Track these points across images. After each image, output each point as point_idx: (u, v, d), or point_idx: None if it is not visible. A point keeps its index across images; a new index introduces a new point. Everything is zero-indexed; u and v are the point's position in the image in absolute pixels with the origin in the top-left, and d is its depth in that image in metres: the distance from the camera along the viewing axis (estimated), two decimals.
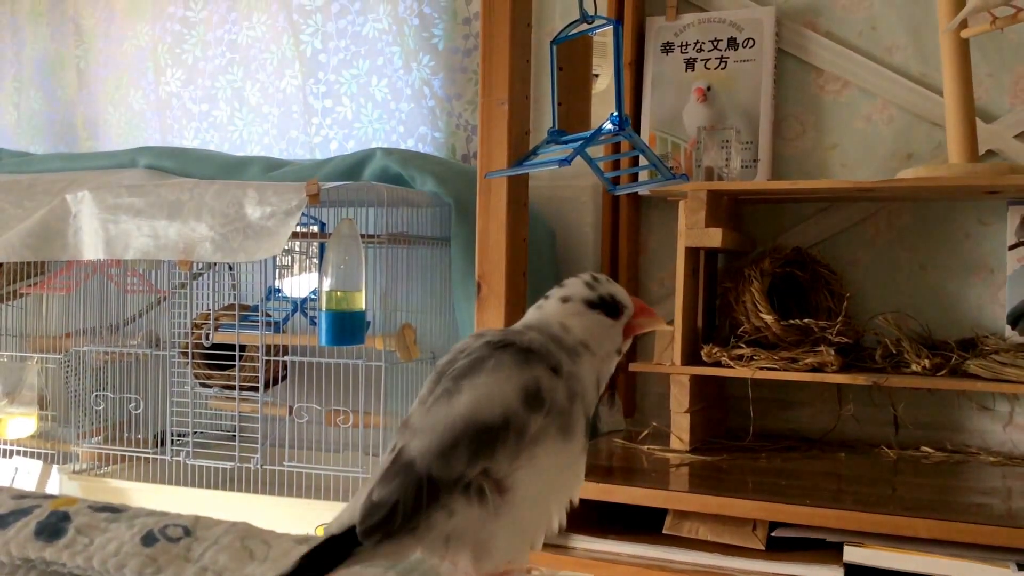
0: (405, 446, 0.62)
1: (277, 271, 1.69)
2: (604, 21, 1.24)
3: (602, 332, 0.71)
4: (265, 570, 0.58)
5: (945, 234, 1.56)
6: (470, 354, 0.66)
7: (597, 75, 1.70)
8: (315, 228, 1.66)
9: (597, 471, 1.33)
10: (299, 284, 1.70)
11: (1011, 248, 1.49)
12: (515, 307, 1.28)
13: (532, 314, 0.72)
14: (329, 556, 0.58)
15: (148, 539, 0.57)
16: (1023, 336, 1.46)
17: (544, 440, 0.63)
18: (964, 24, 1.39)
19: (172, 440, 1.66)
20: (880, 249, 1.60)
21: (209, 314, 1.65)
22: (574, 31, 1.26)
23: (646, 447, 1.49)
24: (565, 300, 0.71)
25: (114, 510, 0.63)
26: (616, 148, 1.61)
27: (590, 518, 1.33)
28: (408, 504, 0.60)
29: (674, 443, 1.46)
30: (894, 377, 1.38)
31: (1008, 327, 1.49)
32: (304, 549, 0.58)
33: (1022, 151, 1.50)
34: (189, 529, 0.58)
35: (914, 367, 1.39)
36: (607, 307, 0.71)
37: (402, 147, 1.87)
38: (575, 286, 0.72)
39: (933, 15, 1.49)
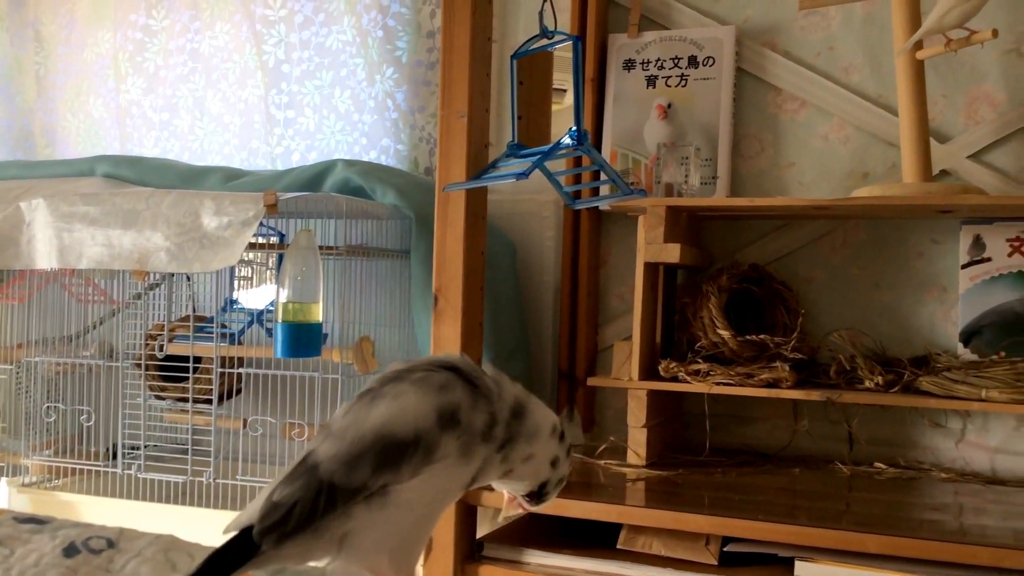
0: (314, 449, 0.62)
1: (236, 283, 1.68)
2: (564, 36, 1.24)
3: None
4: None
5: (899, 252, 1.58)
6: (401, 374, 0.67)
7: (564, 90, 1.71)
8: (275, 239, 1.65)
9: None
10: (257, 296, 1.68)
11: (964, 267, 1.51)
12: (472, 320, 1.28)
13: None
14: (233, 558, 0.58)
15: (70, 550, 0.56)
16: (975, 354, 1.48)
17: (447, 459, 0.64)
18: (919, 46, 1.41)
19: (124, 453, 1.63)
20: (835, 267, 1.61)
21: (164, 325, 1.63)
22: (534, 46, 1.26)
23: (603, 462, 1.49)
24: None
25: (39, 521, 0.62)
26: (577, 163, 1.62)
27: (545, 533, 1.33)
28: (306, 507, 0.60)
29: (631, 458, 1.46)
30: (848, 393, 1.39)
31: (960, 345, 1.51)
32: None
33: (975, 171, 1.52)
34: (112, 541, 0.57)
35: (867, 383, 1.41)
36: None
37: (364, 159, 1.86)
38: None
39: (889, 37, 1.51)
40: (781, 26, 1.65)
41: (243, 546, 0.59)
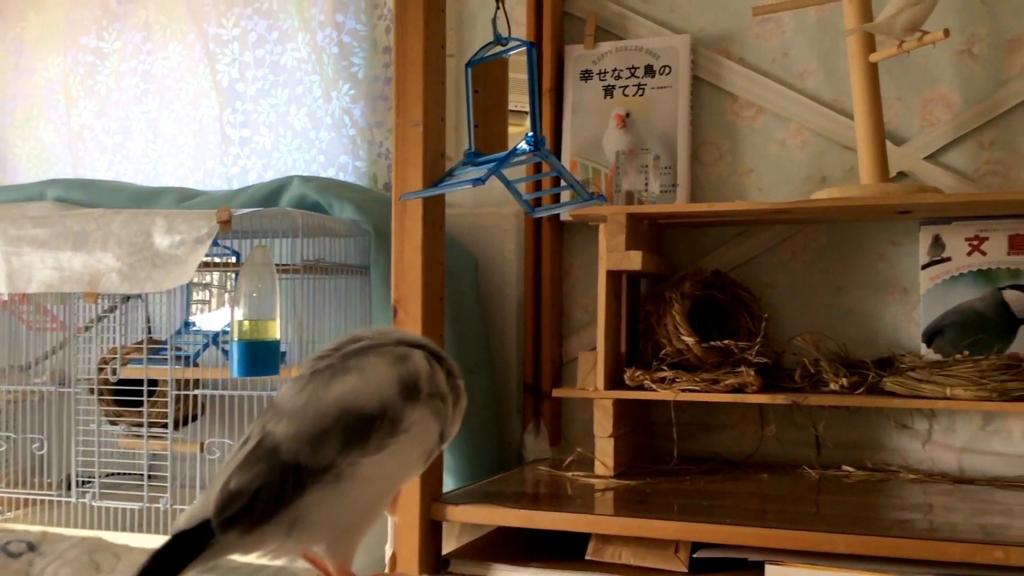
0: (268, 431, 0.59)
1: (193, 305, 1.64)
2: (518, 43, 1.23)
3: None
4: None
5: (860, 255, 1.58)
6: (352, 349, 0.65)
7: (524, 112, 1.70)
8: (232, 259, 1.62)
9: (520, 499, 1.30)
10: (214, 318, 1.65)
11: (924, 267, 1.52)
12: (432, 331, 1.25)
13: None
14: (180, 554, 0.54)
15: None
16: (938, 354, 1.49)
17: (413, 429, 0.62)
18: (871, 46, 1.42)
19: (78, 482, 1.59)
20: (797, 271, 1.61)
21: (118, 349, 1.59)
22: (489, 53, 1.26)
23: (570, 474, 1.47)
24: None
25: None
26: (537, 170, 1.61)
27: (512, 547, 1.30)
28: (272, 492, 0.56)
29: (598, 468, 1.44)
30: (813, 396, 1.39)
31: (923, 345, 1.51)
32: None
33: (932, 172, 1.53)
34: (34, 544, 0.55)
35: (832, 386, 1.40)
36: None
37: (322, 176, 1.84)
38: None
39: (843, 42, 1.52)
40: (735, 34, 1.66)
41: (193, 540, 0.55)
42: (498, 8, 1.23)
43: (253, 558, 0.61)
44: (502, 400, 1.74)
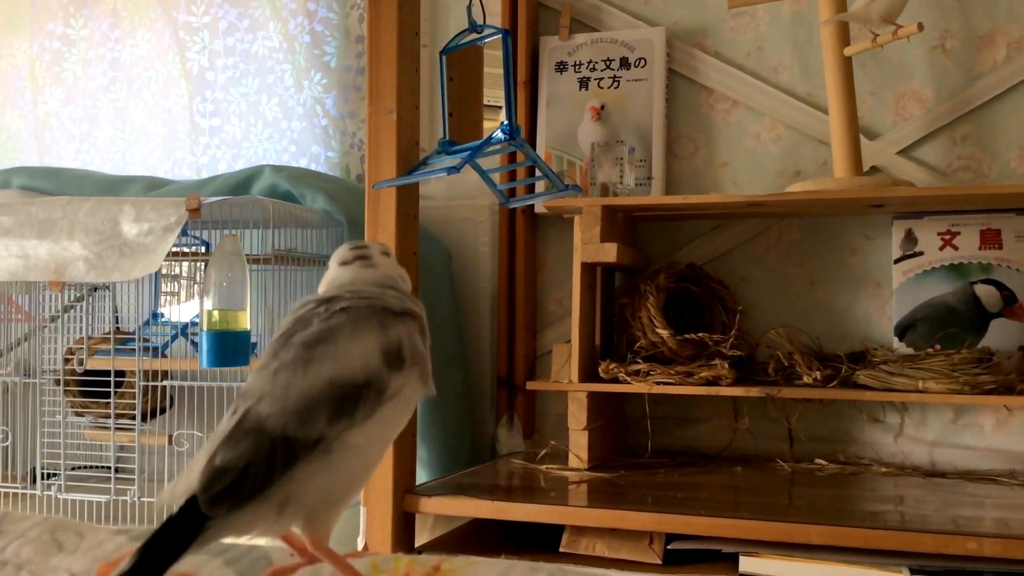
0: (250, 409, 0.57)
1: (162, 295, 1.61)
2: (493, 30, 1.22)
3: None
4: (73, 561, 0.52)
5: (833, 249, 1.59)
6: (326, 319, 0.63)
7: (498, 107, 1.69)
8: (201, 249, 1.59)
9: (493, 491, 1.29)
10: (184, 309, 1.62)
11: (896, 262, 1.53)
12: None
13: (368, 273, 0.69)
14: (179, 536, 0.52)
15: None
16: (911, 347, 1.49)
17: (401, 393, 0.62)
18: (846, 39, 1.42)
19: (44, 474, 1.55)
20: (771, 264, 1.62)
21: (84, 340, 1.56)
22: (463, 40, 1.25)
23: (544, 466, 1.46)
24: (386, 254, 0.71)
25: None
26: (512, 160, 1.60)
27: (486, 540, 1.29)
28: (261, 466, 0.55)
29: (572, 461, 1.44)
30: (786, 389, 1.39)
31: (896, 339, 1.52)
32: (125, 540, 0.52)
33: (905, 166, 1.54)
34: None
35: (806, 379, 1.40)
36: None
37: (294, 166, 1.81)
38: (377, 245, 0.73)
39: (817, 36, 1.52)
40: (710, 27, 1.66)
41: (188, 521, 0.53)
42: None
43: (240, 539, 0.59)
44: (476, 393, 1.73)
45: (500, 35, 1.20)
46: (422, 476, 1.52)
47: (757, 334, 1.59)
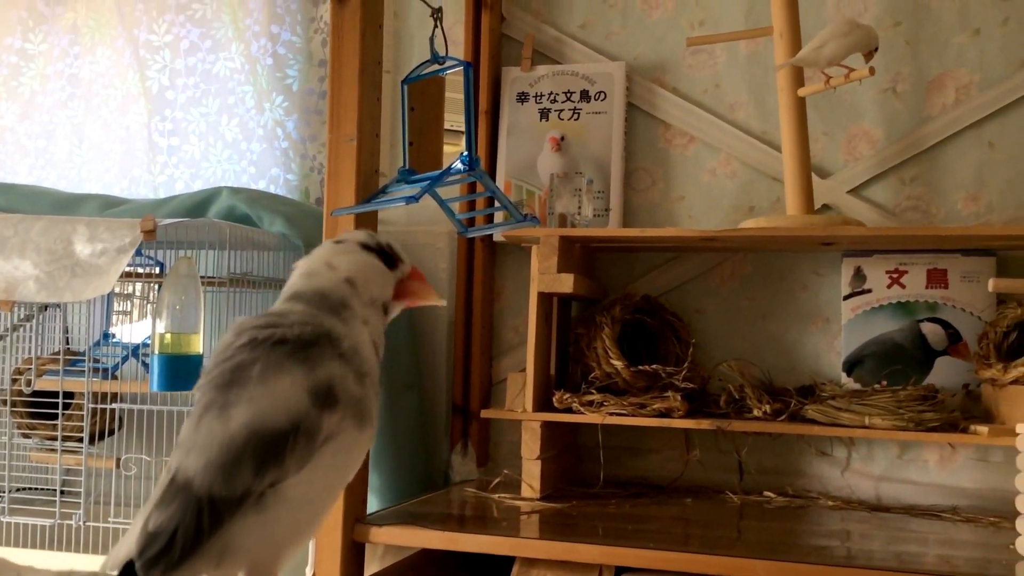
0: (180, 465, 0.57)
1: (116, 316, 1.60)
2: (455, 62, 1.24)
3: (372, 274, 0.67)
4: None
5: (785, 285, 1.62)
6: (230, 357, 0.61)
7: (461, 132, 1.70)
8: (156, 270, 1.58)
9: (445, 521, 1.29)
10: (136, 330, 1.60)
11: (846, 298, 1.56)
12: None
13: (298, 280, 0.68)
14: None
15: None
16: (858, 383, 1.52)
17: (339, 436, 0.59)
18: (800, 79, 1.46)
19: None
20: (725, 298, 1.64)
21: (33, 360, 1.53)
22: (425, 71, 1.26)
23: (496, 496, 1.46)
24: (339, 242, 0.68)
25: None
26: (471, 190, 1.61)
27: (436, 571, 1.29)
28: (189, 529, 0.54)
29: (525, 491, 1.44)
30: (737, 422, 1.41)
31: (844, 374, 1.54)
32: None
33: (855, 205, 1.57)
34: None
35: (756, 412, 1.42)
36: (383, 254, 0.68)
37: (252, 188, 1.81)
38: (353, 232, 0.70)
39: (773, 75, 1.56)
40: (669, 63, 1.69)
41: None
42: (436, 27, 1.23)
43: None
44: (430, 420, 1.73)
45: (462, 67, 1.21)
46: (374, 503, 1.51)
47: (710, 366, 1.61)
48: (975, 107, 1.53)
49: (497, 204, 1.35)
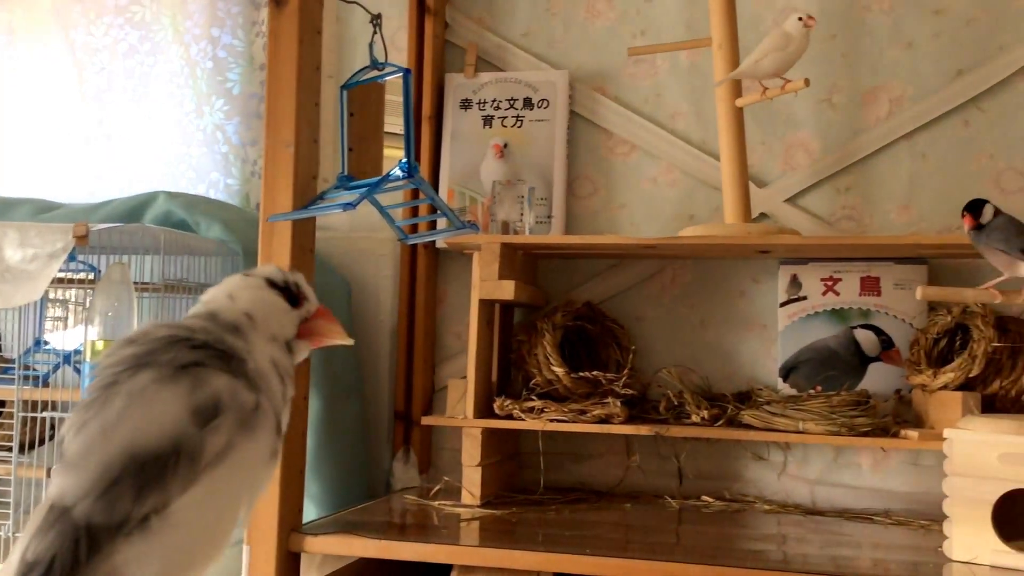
0: (61, 488, 0.55)
1: (49, 322, 1.56)
2: (395, 69, 1.23)
3: (271, 310, 0.67)
4: None
5: (723, 292, 1.64)
6: (111, 366, 0.59)
7: (400, 135, 1.69)
8: (90, 275, 1.55)
9: (383, 529, 1.28)
10: (70, 336, 1.57)
11: (782, 305, 1.58)
12: None
13: (199, 307, 0.66)
14: None
15: None
16: (794, 389, 1.55)
17: (230, 456, 0.57)
18: (738, 91, 1.48)
19: None
20: (665, 305, 1.66)
21: None
22: (365, 77, 1.25)
23: (437, 503, 1.45)
24: (247, 275, 0.67)
25: None
26: (415, 197, 1.60)
27: None
28: (66, 560, 0.52)
29: (465, 498, 1.44)
30: (675, 427, 1.42)
31: (780, 380, 1.57)
32: None
33: (791, 214, 1.60)
34: None
35: (694, 418, 1.44)
36: (287, 291, 0.68)
37: (190, 193, 1.78)
38: (265, 267, 0.69)
39: (712, 86, 1.57)
40: (611, 73, 1.70)
41: None
42: (375, 33, 1.23)
43: None
44: (372, 427, 1.72)
45: (401, 74, 1.21)
46: (312, 511, 1.50)
47: (650, 372, 1.62)
48: (908, 119, 1.57)
49: (439, 211, 1.35)
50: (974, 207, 1.22)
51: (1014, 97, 1.54)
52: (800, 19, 1.39)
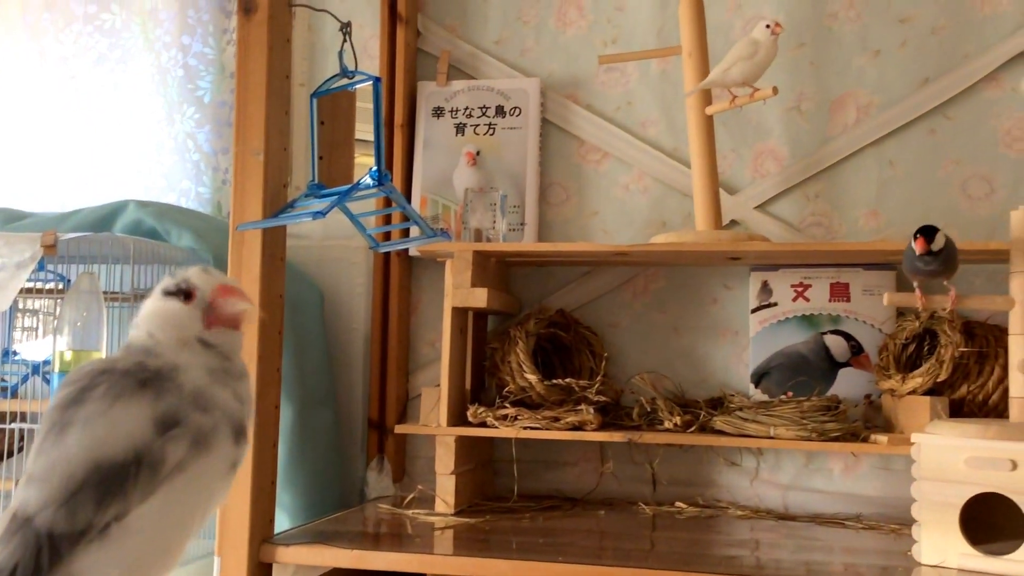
0: (24, 499, 0.55)
1: (18, 332, 1.54)
2: (365, 77, 1.23)
3: (167, 317, 0.67)
4: None
5: (695, 298, 1.65)
6: (76, 381, 0.60)
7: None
8: (60, 285, 1.53)
9: (355, 539, 1.28)
10: (39, 346, 1.55)
11: (753, 311, 1.59)
12: (269, 366, 1.22)
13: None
14: None
15: None
16: (765, 394, 1.56)
17: (190, 467, 0.58)
18: (708, 100, 1.49)
19: None
20: (638, 312, 1.66)
21: None
22: (335, 85, 1.25)
23: (411, 512, 1.45)
24: (157, 293, 0.68)
25: None
26: (386, 205, 1.60)
27: None
28: (28, 569, 0.53)
29: (439, 506, 1.43)
30: (648, 434, 1.43)
31: (752, 386, 1.58)
32: None
33: (762, 221, 1.61)
34: None
35: (667, 424, 1.44)
36: (181, 292, 0.68)
37: (163, 201, 1.77)
38: (166, 279, 0.69)
39: (683, 94, 1.58)
40: (583, 81, 1.71)
41: None
42: (344, 41, 1.22)
43: None
44: (346, 435, 1.71)
45: (371, 82, 1.21)
46: (285, 522, 1.49)
47: (623, 379, 1.63)
48: (875, 126, 1.59)
49: (411, 219, 1.35)
50: (929, 232, 1.18)
51: (979, 105, 1.56)
52: (768, 26, 1.40)
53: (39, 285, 1.49)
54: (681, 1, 1.51)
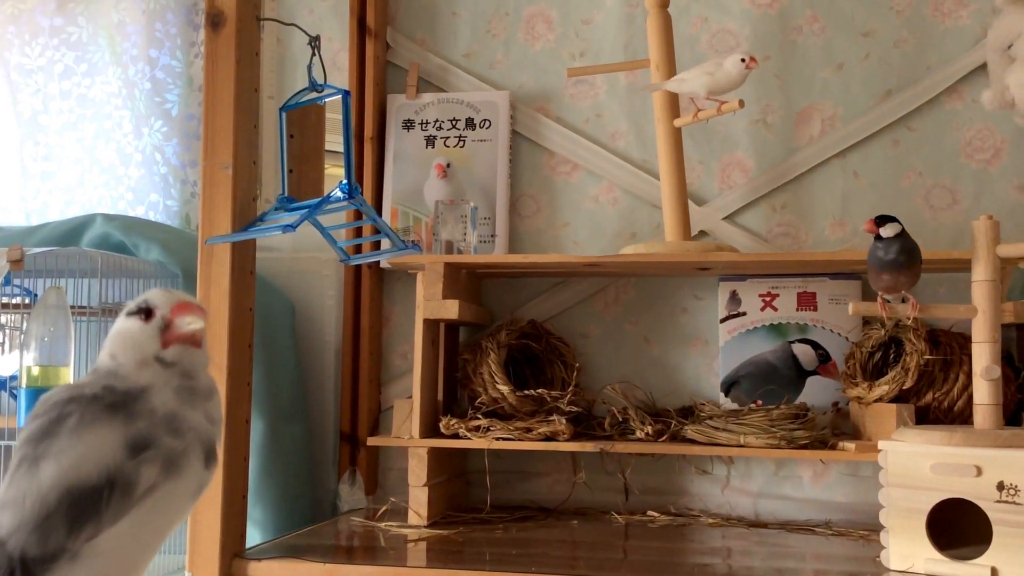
0: None
1: None
2: (334, 90, 1.23)
3: (126, 338, 0.68)
4: None
5: (665, 308, 1.66)
6: (47, 411, 0.60)
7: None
8: (27, 300, 1.52)
9: (328, 553, 1.27)
10: (6, 361, 1.53)
11: (722, 321, 1.61)
12: (239, 380, 1.22)
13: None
14: None
15: None
16: (735, 403, 1.57)
17: (160, 488, 0.59)
18: (677, 114, 1.51)
19: None
20: (609, 322, 1.67)
21: None
22: (304, 98, 1.25)
23: (384, 524, 1.45)
24: (122, 314, 0.68)
25: None
26: (358, 217, 1.60)
27: None
28: None
29: (412, 518, 1.43)
30: (619, 443, 1.43)
31: (722, 395, 1.59)
32: None
33: (730, 231, 1.63)
34: None
35: (639, 433, 1.45)
36: (141, 312, 0.68)
37: (131, 215, 1.76)
38: (131, 301, 0.70)
39: (651, 106, 1.60)
40: (552, 93, 1.72)
41: None
42: (313, 55, 1.23)
43: None
44: (318, 448, 1.70)
45: (340, 95, 1.21)
46: (256, 536, 1.48)
47: (596, 389, 1.64)
48: (840, 138, 1.61)
49: (381, 231, 1.35)
50: (884, 218, 1.21)
51: (941, 116, 1.59)
52: (743, 60, 1.41)
53: (5, 300, 1.48)
54: (649, 15, 1.53)
